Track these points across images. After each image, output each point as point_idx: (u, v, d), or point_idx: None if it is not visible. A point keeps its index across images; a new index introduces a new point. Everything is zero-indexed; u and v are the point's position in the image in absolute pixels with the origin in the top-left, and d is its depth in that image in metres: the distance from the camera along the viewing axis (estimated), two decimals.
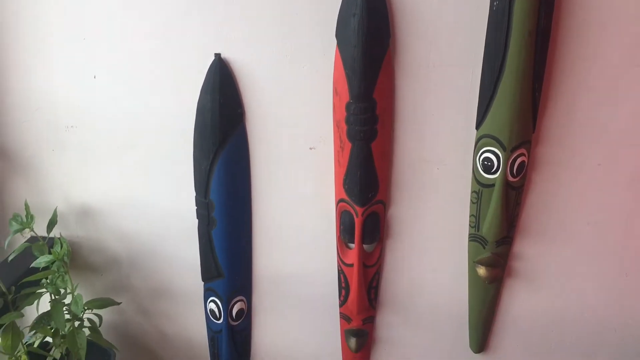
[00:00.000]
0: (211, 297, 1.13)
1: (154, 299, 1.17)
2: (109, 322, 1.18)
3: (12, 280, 0.99)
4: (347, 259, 1.07)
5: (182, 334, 1.20)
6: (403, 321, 1.13)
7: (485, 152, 0.97)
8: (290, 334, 1.17)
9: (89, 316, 1.08)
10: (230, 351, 1.15)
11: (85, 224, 1.13)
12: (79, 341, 1.01)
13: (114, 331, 1.19)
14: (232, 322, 1.14)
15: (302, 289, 1.13)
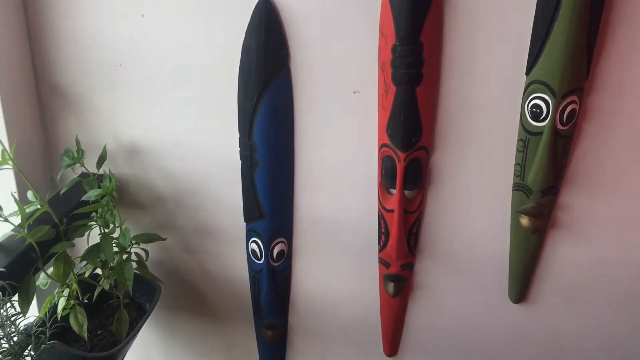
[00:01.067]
0: (253, 237, 1.15)
1: (198, 238, 1.21)
2: (155, 258, 1.22)
3: (64, 213, 1.03)
4: (387, 204, 1.07)
5: (224, 272, 1.23)
6: (442, 268, 1.13)
7: (535, 98, 0.94)
8: (329, 277, 1.19)
9: (136, 250, 1.12)
10: (270, 291, 1.18)
11: (133, 162, 1.16)
12: (127, 273, 1.05)
13: (159, 267, 1.23)
14: (272, 262, 1.16)
15: (342, 233, 1.14)
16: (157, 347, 1.34)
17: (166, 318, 1.30)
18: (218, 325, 1.29)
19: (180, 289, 1.27)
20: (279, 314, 1.23)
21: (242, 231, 1.16)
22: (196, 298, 1.27)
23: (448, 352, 1.20)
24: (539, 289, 1.10)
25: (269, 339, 1.24)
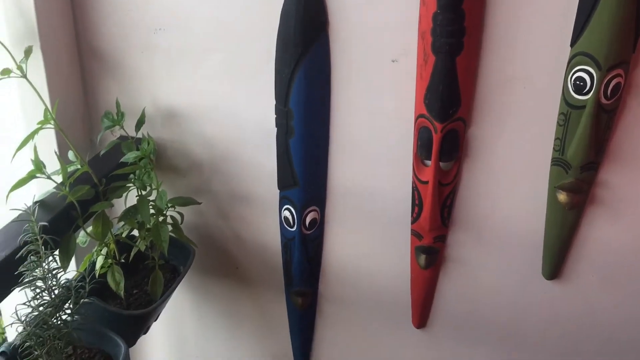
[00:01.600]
0: (286, 205, 1.16)
1: (232, 203, 1.22)
2: (190, 223, 1.24)
3: (103, 174, 1.06)
4: (422, 176, 1.07)
5: (257, 239, 1.25)
6: (475, 242, 1.12)
7: (579, 71, 0.92)
8: (360, 247, 1.19)
9: (171, 214, 1.14)
10: (301, 258, 1.19)
11: (171, 126, 1.18)
12: (163, 235, 1.07)
13: (193, 231, 1.25)
14: (305, 230, 1.17)
15: (375, 203, 1.14)
16: (190, 309, 1.37)
17: (199, 282, 1.33)
18: (249, 291, 1.31)
19: (214, 254, 1.29)
20: (310, 282, 1.24)
21: (275, 198, 1.17)
22: (228, 263, 1.29)
23: (477, 327, 1.20)
24: (573, 267, 1.08)
25: (299, 306, 1.25)
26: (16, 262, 0.83)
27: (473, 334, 1.21)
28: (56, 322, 0.86)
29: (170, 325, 1.40)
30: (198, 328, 1.39)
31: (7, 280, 0.84)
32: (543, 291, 1.12)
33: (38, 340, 0.84)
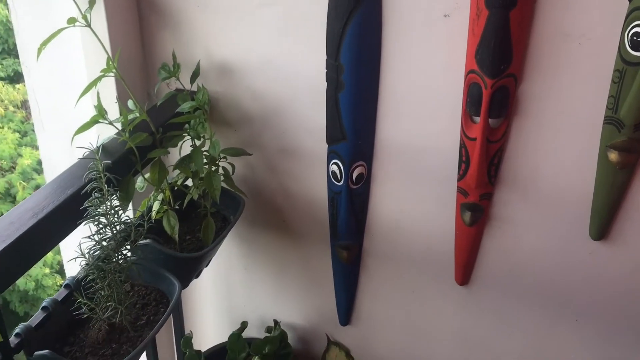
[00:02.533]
0: (334, 159, 1.19)
1: (281, 157, 1.25)
2: (240, 175, 1.28)
3: (160, 123, 1.10)
4: (470, 132, 1.07)
5: (304, 193, 1.28)
6: (521, 201, 1.12)
7: (637, 26, 0.90)
8: (405, 203, 1.21)
9: (223, 164, 1.18)
10: (348, 212, 1.22)
11: (224, 79, 1.21)
12: (215, 183, 1.11)
13: (243, 183, 1.29)
14: (351, 185, 1.20)
15: (422, 160, 1.15)
16: (238, 259, 1.42)
17: (247, 233, 1.38)
18: (296, 243, 1.35)
19: (262, 207, 1.33)
20: (355, 236, 1.27)
21: (323, 153, 1.20)
22: (276, 217, 1.33)
23: (520, 286, 1.20)
24: (621, 228, 1.07)
25: (344, 259, 1.28)
26: (81, 198, 0.88)
27: (515, 293, 1.22)
28: (117, 257, 0.91)
29: (219, 274, 1.46)
30: (245, 278, 1.44)
31: (72, 216, 0.89)
32: (589, 251, 1.11)
33: (100, 273, 0.90)
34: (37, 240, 0.85)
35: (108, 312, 0.91)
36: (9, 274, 0.82)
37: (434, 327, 1.32)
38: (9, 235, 0.81)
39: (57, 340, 0.92)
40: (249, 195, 1.27)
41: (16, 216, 0.85)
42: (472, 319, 1.28)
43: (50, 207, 0.87)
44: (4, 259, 0.79)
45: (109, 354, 0.91)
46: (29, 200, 0.89)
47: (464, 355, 1.32)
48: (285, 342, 1.39)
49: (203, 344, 1.42)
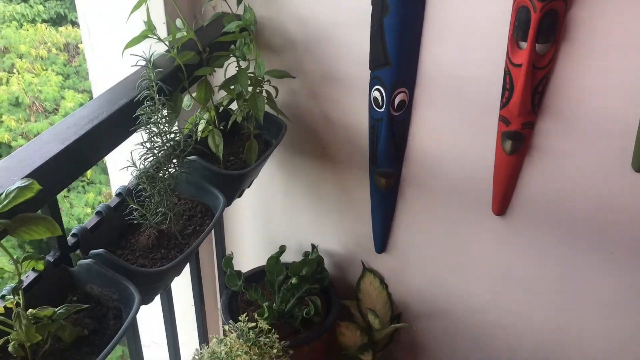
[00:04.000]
0: (376, 85, 1.19)
1: (323, 84, 1.26)
2: (282, 101, 1.30)
3: (206, 43, 1.12)
4: (516, 58, 1.06)
5: (345, 120, 1.29)
6: (564, 130, 1.11)
7: None
8: (446, 131, 1.21)
9: (267, 88, 1.20)
10: (387, 139, 1.23)
11: (269, 5, 1.21)
12: (259, 104, 1.14)
13: (285, 109, 1.30)
14: (392, 112, 1.21)
15: (465, 87, 1.15)
16: (278, 184, 1.45)
17: (288, 159, 1.40)
18: (335, 171, 1.37)
19: (303, 133, 1.35)
20: (394, 163, 1.28)
21: (366, 79, 1.20)
22: (316, 143, 1.35)
23: (558, 217, 1.21)
24: None
25: (382, 187, 1.30)
26: (134, 107, 0.92)
27: (552, 224, 1.22)
28: (167, 165, 0.95)
29: (259, 199, 1.50)
30: (284, 204, 1.48)
31: (125, 124, 0.93)
32: (631, 184, 1.11)
33: (150, 181, 0.94)
34: (92, 144, 0.89)
35: (158, 218, 0.96)
36: (66, 174, 0.86)
37: (469, 257, 1.34)
38: (67, 138, 0.85)
39: (109, 244, 0.97)
40: (290, 122, 1.29)
41: (72, 122, 0.89)
42: (507, 250, 1.29)
43: (105, 115, 0.91)
44: (62, 160, 0.83)
45: (158, 257, 0.97)
46: (84, 109, 0.93)
47: (497, 284, 1.34)
48: (322, 267, 1.43)
49: (242, 266, 1.47)
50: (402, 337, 1.53)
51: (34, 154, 0.82)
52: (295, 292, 1.39)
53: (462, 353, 1.49)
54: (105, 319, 0.87)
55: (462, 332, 1.45)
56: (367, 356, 1.40)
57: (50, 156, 0.81)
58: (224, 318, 1.38)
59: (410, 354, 1.56)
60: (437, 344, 1.50)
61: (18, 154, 0.82)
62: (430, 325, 1.49)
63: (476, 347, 1.46)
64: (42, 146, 0.83)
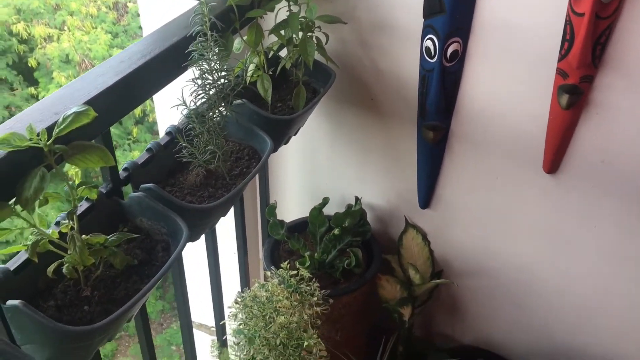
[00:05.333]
0: (429, 34, 1.16)
1: (374, 32, 1.24)
2: (332, 50, 1.28)
3: None
4: (578, 7, 1.01)
5: (395, 71, 1.27)
6: (626, 87, 1.07)
7: None
8: (499, 84, 1.18)
9: (317, 34, 1.19)
10: (438, 91, 1.21)
11: None
12: (309, 48, 1.12)
13: (335, 57, 1.28)
14: (445, 62, 1.18)
15: (522, 38, 1.11)
16: (324, 135, 1.45)
17: (335, 110, 1.39)
18: (382, 123, 1.36)
19: (351, 83, 1.33)
20: (444, 116, 1.26)
21: (418, 28, 1.17)
22: (364, 94, 1.34)
23: (611, 178, 1.17)
24: None
25: (430, 140, 1.28)
26: (186, 44, 0.92)
27: (605, 184, 1.18)
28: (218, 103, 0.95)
29: (305, 150, 1.49)
30: (330, 156, 1.47)
31: (178, 61, 0.93)
32: None
33: (201, 119, 0.95)
34: (145, 79, 0.90)
35: (207, 156, 0.96)
36: (119, 107, 0.87)
37: (515, 216, 1.32)
38: (121, 71, 0.86)
39: (158, 181, 0.98)
40: (338, 72, 1.27)
41: (126, 56, 0.90)
42: (557, 209, 1.26)
43: (157, 51, 0.91)
44: (115, 92, 0.84)
45: (205, 195, 0.98)
46: (136, 45, 0.94)
47: (544, 244, 1.32)
48: (364, 220, 1.43)
49: (285, 216, 1.48)
50: (442, 294, 1.53)
51: (89, 85, 0.83)
52: (337, 244, 1.39)
53: (501, 313, 1.47)
54: (154, 251, 0.89)
55: (504, 291, 1.44)
56: (406, 310, 1.40)
57: (104, 87, 0.82)
58: (266, 265, 1.40)
59: (449, 311, 1.55)
60: (477, 302, 1.49)
61: (73, 84, 0.84)
62: (471, 284, 1.47)
63: (516, 307, 1.44)
64: (96, 78, 0.84)
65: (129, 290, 0.82)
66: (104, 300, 0.80)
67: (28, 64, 6.66)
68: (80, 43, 6.61)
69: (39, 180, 0.71)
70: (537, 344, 1.45)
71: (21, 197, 0.71)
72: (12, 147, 0.70)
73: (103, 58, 6.59)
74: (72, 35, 6.68)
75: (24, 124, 0.73)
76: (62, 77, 6.41)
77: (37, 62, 6.64)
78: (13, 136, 0.70)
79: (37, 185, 0.71)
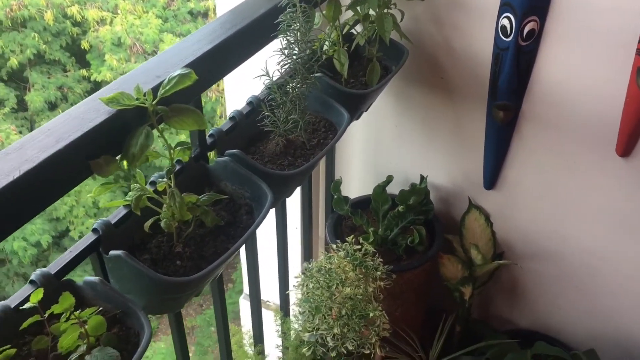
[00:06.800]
0: (506, 12, 1.16)
1: (449, 9, 1.24)
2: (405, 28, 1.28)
3: None
4: None
5: (468, 49, 1.27)
6: None
7: None
8: (575, 64, 1.17)
9: (393, 12, 1.20)
10: (511, 70, 1.21)
11: None
12: (386, 24, 1.14)
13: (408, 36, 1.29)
14: (520, 41, 1.17)
15: (600, 18, 1.10)
16: (390, 115, 1.46)
17: (403, 89, 1.40)
18: (451, 101, 1.36)
19: (422, 62, 1.34)
20: (515, 96, 1.26)
21: (495, 5, 1.18)
22: (435, 72, 1.34)
23: None
24: None
25: (500, 120, 1.29)
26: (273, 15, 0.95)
27: None
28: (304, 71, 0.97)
29: (370, 128, 1.51)
30: (395, 135, 1.49)
31: (265, 31, 0.97)
32: None
33: (284, 89, 0.98)
34: (236, 47, 0.93)
35: (288, 125, 0.99)
36: (211, 74, 0.91)
37: (584, 199, 1.31)
38: (215, 38, 0.90)
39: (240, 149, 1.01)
40: (410, 49, 1.28)
41: (217, 25, 0.93)
42: (627, 194, 1.25)
43: (247, 21, 0.95)
44: (209, 59, 0.88)
45: (285, 164, 1.01)
46: (225, 16, 0.97)
47: (613, 230, 1.31)
48: (428, 199, 1.44)
49: (348, 192, 1.50)
50: (503, 277, 1.53)
51: (186, 51, 0.86)
52: (400, 221, 1.41)
53: (564, 297, 1.47)
54: (238, 214, 0.92)
55: (568, 276, 1.43)
56: (467, 289, 1.41)
57: (201, 53, 0.86)
58: (330, 239, 1.43)
59: (508, 294, 1.56)
60: (539, 286, 1.49)
61: (171, 50, 0.88)
62: (533, 267, 1.47)
63: (580, 292, 1.44)
64: (192, 44, 0.88)
65: (217, 248, 0.86)
66: (195, 256, 0.84)
67: (81, 47, 6.83)
68: (132, 27, 6.74)
69: (144, 137, 0.75)
70: (599, 330, 1.44)
71: (128, 153, 0.75)
72: (121, 105, 0.74)
73: (153, 42, 6.72)
74: (124, 18, 6.82)
75: (130, 85, 0.77)
76: (114, 59, 6.56)
77: (89, 45, 6.81)
78: (122, 95, 0.74)
79: (143, 142, 0.74)
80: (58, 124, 0.71)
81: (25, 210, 0.65)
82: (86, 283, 0.75)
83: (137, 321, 0.73)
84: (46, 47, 6.72)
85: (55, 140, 0.68)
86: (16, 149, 0.66)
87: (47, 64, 6.92)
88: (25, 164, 0.65)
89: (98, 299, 0.74)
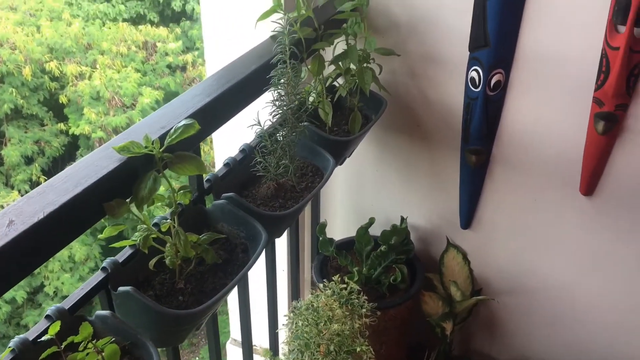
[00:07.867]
0: (474, 66, 1.28)
1: (423, 64, 1.36)
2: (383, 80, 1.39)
3: (322, 20, 1.23)
4: (614, 42, 1.12)
5: (441, 99, 1.38)
6: None
7: None
8: (539, 111, 1.28)
9: (372, 66, 1.31)
10: (481, 118, 1.31)
11: None
12: (366, 78, 1.25)
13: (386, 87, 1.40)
14: (488, 91, 1.29)
15: (560, 69, 1.22)
16: (371, 159, 1.55)
17: (382, 136, 1.50)
18: (427, 148, 1.46)
19: (399, 111, 1.45)
20: (485, 141, 1.36)
21: (464, 60, 1.29)
22: (411, 121, 1.45)
23: None
24: None
25: (472, 164, 1.39)
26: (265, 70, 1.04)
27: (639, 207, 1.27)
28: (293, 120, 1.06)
29: (352, 173, 1.60)
30: (375, 179, 1.57)
31: (257, 85, 1.06)
32: None
33: (274, 138, 1.06)
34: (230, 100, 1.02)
35: (279, 170, 1.07)
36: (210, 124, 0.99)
37: (554, 236, 1.40)
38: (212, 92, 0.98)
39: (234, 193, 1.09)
40: (388, 100, 1.38)
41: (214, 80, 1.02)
42: (593, 231, 1.34)
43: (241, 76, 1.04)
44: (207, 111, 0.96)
45: (277, 206, 1.08)
46: (220, 72, 1.06)
47: (581, 265, 1.39)
48: (408, 239, 1.52)
49: (332, 235, 1.58)
50: (481, 312, 1.60)
51: (186, 104, 0.95)
52: (383, 260, 1.48)
53: (538, 331, 1.54)
54: (234, 253, 0.99)
55: (541, 309, 1.51)
56: (448, 324, 1.48)
57: (200, 106, 0.94)
58: (316, 279, 1.49)
59: (486, 329, 1.62)
60: (515, 320, 1.57)
61: (173, 104, 0.96)
62: (509, 302, 1.55)
63: (553, 325, 1.51)
64: (192, 98, 0.96)
65: (216, 284, 0.92)
66: (195, 292, 0.90)
67: (59, 101, 6.88)
68: (110, 81, 6.83)
69: (152, 182, 0.82)
70: None
71: (138, 196, 0.82)
72: (132, 153, 0.81)
73: (132, 95, 6.81)
74: (103, 73, 6.91)
75: (138, 135, 0.84)
76: (93, 113, 6.61)
77: (67, 99, 6.87)
78: (132, 144, 0.82)
79: (152, 186, 0.82)
80: (75, 171, 0.78)
81: (48, 248, 0.71)
82: (97, 317, 0.80)
83: (146, 352, 0.79)
84: (24, 102, 6.74)
85: (74, 185, 0.75)
86: (39, 194, 0.73)
87: (25, 119, 6.93)
88: (48, 206, 0.71)
89: (108, 332, 0.80)
